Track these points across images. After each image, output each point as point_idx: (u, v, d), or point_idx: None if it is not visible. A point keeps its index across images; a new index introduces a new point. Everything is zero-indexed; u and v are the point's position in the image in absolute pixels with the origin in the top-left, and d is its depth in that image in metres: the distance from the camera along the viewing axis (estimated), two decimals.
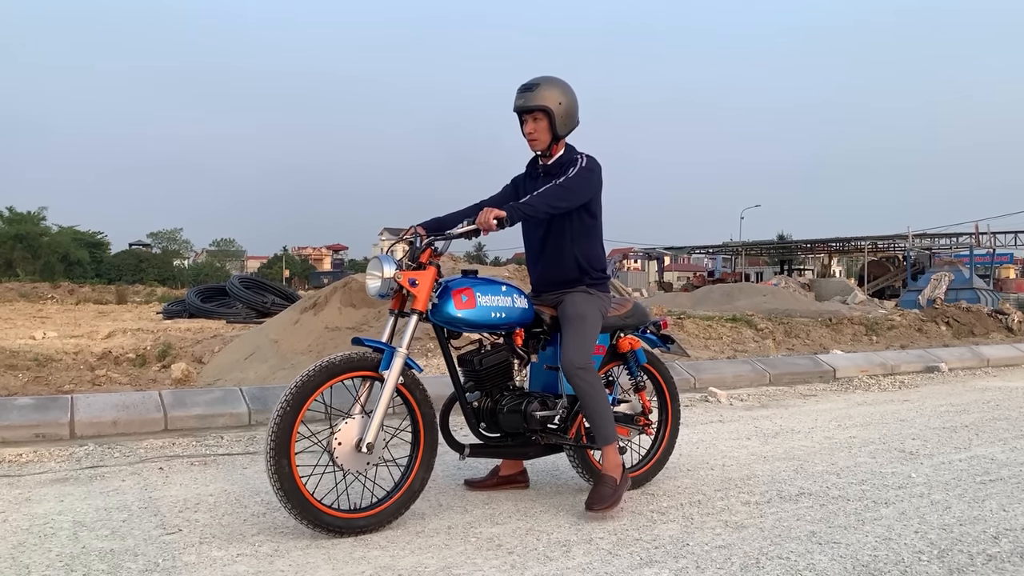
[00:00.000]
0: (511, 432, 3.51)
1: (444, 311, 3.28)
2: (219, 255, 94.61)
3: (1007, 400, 6.87)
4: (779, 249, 60.87)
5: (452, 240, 3.36)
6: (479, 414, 3.49)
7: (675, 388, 4.14)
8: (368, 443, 3.08)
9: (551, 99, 3.48)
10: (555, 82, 3.53)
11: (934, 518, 3.42)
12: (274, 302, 21.11)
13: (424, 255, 3.30)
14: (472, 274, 3.47)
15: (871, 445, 4.92)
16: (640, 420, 3.90)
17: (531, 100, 3.47)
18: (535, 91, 3.47)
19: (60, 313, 23.90)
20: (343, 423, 3.11)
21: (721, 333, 10.43)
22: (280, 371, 8.21)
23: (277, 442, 2.94)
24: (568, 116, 3.55)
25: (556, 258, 3.66)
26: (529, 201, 3.36)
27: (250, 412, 5.20)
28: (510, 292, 3.46)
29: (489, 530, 3.22)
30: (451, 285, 3.33)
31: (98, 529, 3.17)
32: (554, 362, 3.64)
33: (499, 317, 3.40)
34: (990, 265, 37.91)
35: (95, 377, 8.22)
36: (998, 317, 13.81)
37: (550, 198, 3.38)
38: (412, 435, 3.32)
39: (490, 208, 3.29)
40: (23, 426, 4.62)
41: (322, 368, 3.06)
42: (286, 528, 3.17)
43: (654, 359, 4.05)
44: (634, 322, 3.90)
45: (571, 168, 3.51)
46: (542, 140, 3.56)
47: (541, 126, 3.52)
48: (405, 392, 3.24)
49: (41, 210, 59.63)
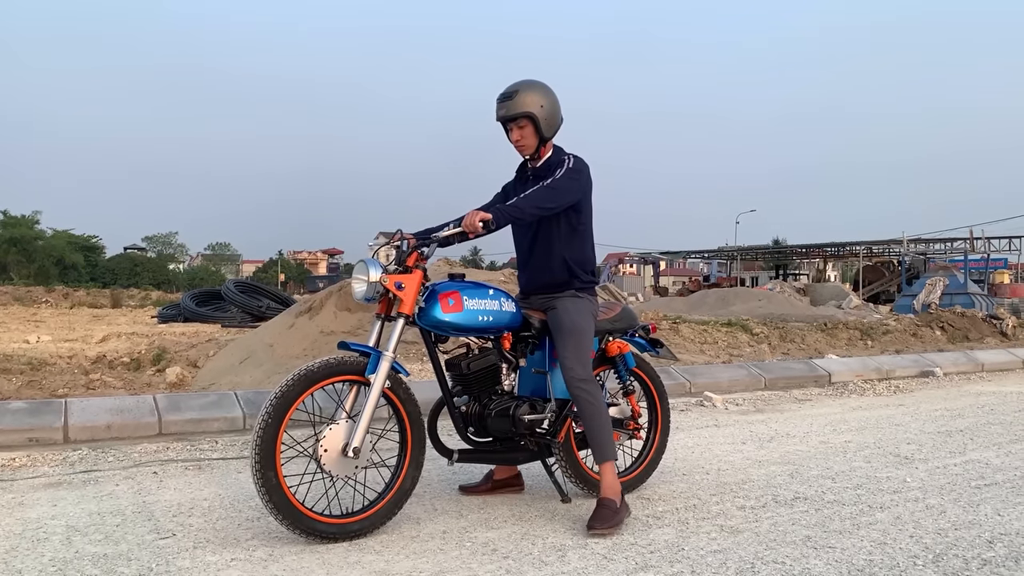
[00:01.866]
0: (499, 436, 3.50)
1: (431, 315, 3.27)
2: (214, 259, 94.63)
3: (1002, 404, 6.89)
4: (774, 254, 60.98)
5: (439, 244, 3.35)
6: (467, 418, 3.48)
7: (664, 391, 4.13)
8: (355, 447, 3.06)
9: (533, 104, 3.44)
10: (534, 86, 3.49)
11: (929, 523, 3.42)
12: (269, 306, 21.04)
13: (411, 259, 3.29)
14: (459, 278, 3.46)
15: (866, 449, 4.93)
16: (630, 424, 3.89)
17: (513, 108, 3.44)
18: (515, 98, 3.44)
19: (54, 317, 23.81)
20: (328, 429, 3.09)
21: (716, 338, 10.45)
22: (275, 375, 8.18)
23: (262, 455, 2.91)
24: (552, 117, 3.51)
25: (544, 261, 3.64)
26: (516, 203, 3.35)
27: (245, 416, 5.19)
28: (497, 296, 3.45)
29: (484, 534, 3.21)
30: (438, 288, 3.32)
31: (91, 534, 3.15)
32: (542, 366, 3.63)
33: (486, 321, 3.39)
34: (985, 270, 38.10)
35: (89, 381, 8.20)
36: (993, 322, 13.86)
37: (537, 200, 3.37)
38: (399, 434, 3.31)
39: (476, 210, 3.29)
40: (16, 430, 4.60)
41: (301, 376, 3.02)
42: (280, 533, 3.15)
43: (643, 363, 4.04)
44: (623, 326, 3.89)
45: (559, 169, 3.50)
46: (529, 145, 3.55)
47: (527, 132, 3.50)
48: (389, 394, 3.22)
49: (36, 214, 59.68)
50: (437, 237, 3.35)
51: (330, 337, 8.89)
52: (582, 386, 3.41)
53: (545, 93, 3.50)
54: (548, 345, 3.61)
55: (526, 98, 3.44)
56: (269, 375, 8.29)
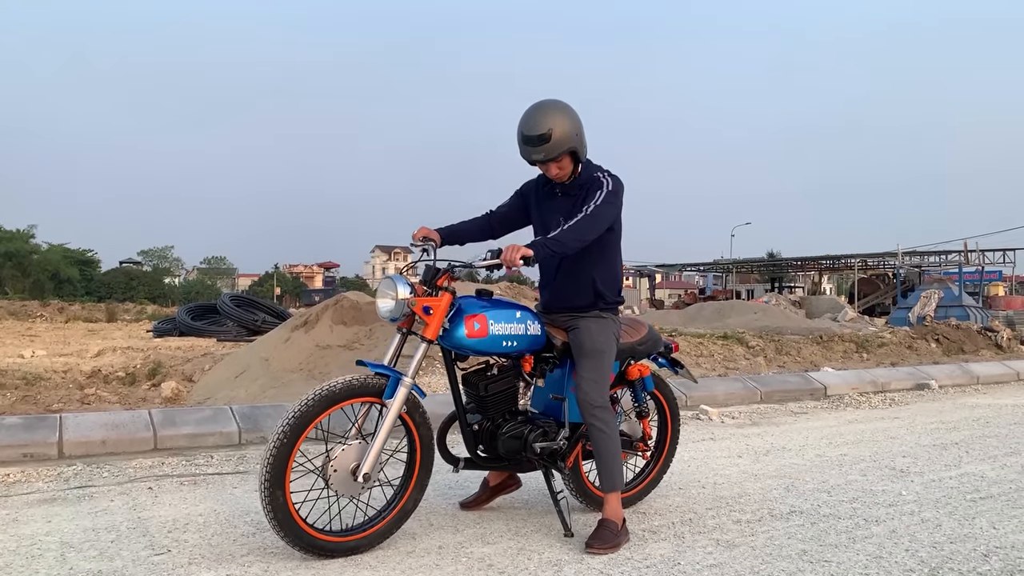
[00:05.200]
0: (508, 457, 3.44)
1: (454, 338, 3.18)
2: (210, 273, 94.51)
3: (997, 417, 6.90)
4: (770, 267, 61.12)
5: (471, 271, 3.29)
6: (478, 436, 3.40)
7: (678, 413, 4.11)
8: (365, 473, 3.02)
9: (569, 137, 3.26)
10: (559, 114, 3.28)
11: (924, 536, 3.43)
12: (265, 320, 21.02)
13: (441, 279, 3.21)
14: (487, 296, 3.36)
15: (862, 463, 4.93)
16: (639, 446, 3.86)
17: (553, 151, 3.25)
18: (552, 140, 3.23)
19: (49, 331, 23.73)
20: (340, 448, 3.05)
21: (712, 350, 10.45)
22: (271, 389, 8.17)
23: (272, 473, 2.87)
24: (583, 138, 3.35)
25: (572, 281, 3.49)
26: (557, 237, 3.17)
27: (240, 431, 5.18)
28: (524, 319, 3.35)
29: (480, 550, 3.20)
30: (464, 309, 3.21)
31: (86, 550, 3.14)
32: (560, 388, 3.55)
33: (510, 346, 3.31)
34: (979, 283, 38.20)
35: (84, 396, 8.17)
36: (987, 334, 13.90)
37: (580, 232, 3.20)
38: (408, 455, 3.28)
39: (516, 246, 3.11)
40: (11, 446, 4.58)
41: (322, 397, 2.96)
42: (276, 549, 3.15)
43: (661, 384, 3.99)
44: (647, 348, 3.78)
45: (597, 192, 3.31)
46: (567, 171, 3.39)
47: (565, 163, 3.35)
48: (405, 417, 3.17)
49: (31, 227, 59.54)
50: (473, 265, 3.26)
51: (326, 351, 8.89)
52: (596, 414, 3.33)
53: (571, 116, 3.32)
54: (569, 367, 3.52)
55: (560, 134, 3.25)
56: (265, 389, 8.27)
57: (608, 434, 3.35)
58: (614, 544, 3.22)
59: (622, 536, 3.29)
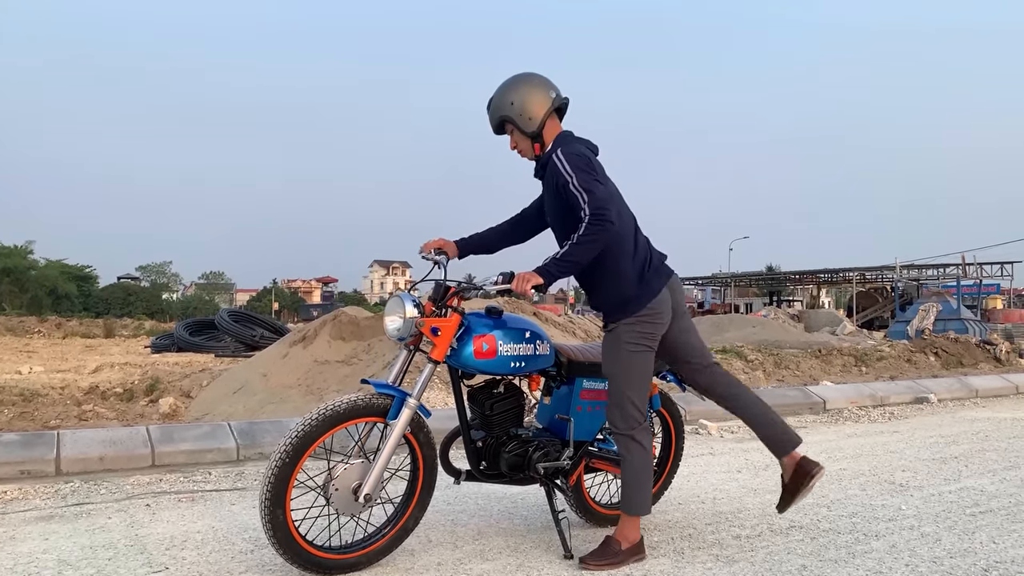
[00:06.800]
0: (510, 474, 3.39)
1: (462, 357, 3.14)
2: (208, 288, 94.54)
3: (996, 431, 6.89)
4: (768, 280, 61.24)
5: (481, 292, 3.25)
6: (480, 453, 3.36)
7: (682, 431, 4.10)
8: (367, 494, 3.00)
9: (504, 107, 3.23)
10: (504, 86, 3.26)
11: (924, 551, 3.42)
12: (263, 335, 21.03)
13: (451, 300, 3.18)
14: (496, 314, 3.31)
15: (861, 477, 4.92)
16: None
17: (491, 120, 3.29)
18: (490, 108, 3.28)
19: (47, 347, 23.71)
20: (342, 467, 3.02)
21: None
22: (269, 405, 8.16)
23: (274, 493, 2.85)
24: (525, 111, 3.21)
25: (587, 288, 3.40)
26: (565, 257, 3.05)
27: (238, 447, 5.16)
28: (533, 339, 3.31)
29: (479, 566, 3.19)
30: (473, 328, 3.18)
31: (83, 568, 3.13)
32: (565, 407, 3.50)
33: (518, 367, 3.27)
34: (977, 295, 38.20)
35: (82, 412, 8.17)
36: (986, 347, 13.88)
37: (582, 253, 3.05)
38: (411, 474, 3.25)
39: (527, 275, 3.03)
40: (8, 463, 4.57)
41: (326, 416, 2.93)
42: (274, 566, 3.13)
43: (668, 402, 3.98)
44: (658, 366, 3.69)
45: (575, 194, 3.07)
46: (525, 148, 3.31)
47: (516, 136, 3.29)
48: (409, 436, 3.15)
49: (29, 243, 59.55)
50: (484, 288, 3.21)
51: (324, 366, 8.88)
52: (621, 440, 3.26)
53: (515, 88, 3.23)
54: (575, 386, 3.48)
55: (497, 102, 3.25)
56: (263, 405, 8.26)
57: (628, 459, 3.26)
58: (610, 563, 3.17)
59: (623, 558, 3.21)
